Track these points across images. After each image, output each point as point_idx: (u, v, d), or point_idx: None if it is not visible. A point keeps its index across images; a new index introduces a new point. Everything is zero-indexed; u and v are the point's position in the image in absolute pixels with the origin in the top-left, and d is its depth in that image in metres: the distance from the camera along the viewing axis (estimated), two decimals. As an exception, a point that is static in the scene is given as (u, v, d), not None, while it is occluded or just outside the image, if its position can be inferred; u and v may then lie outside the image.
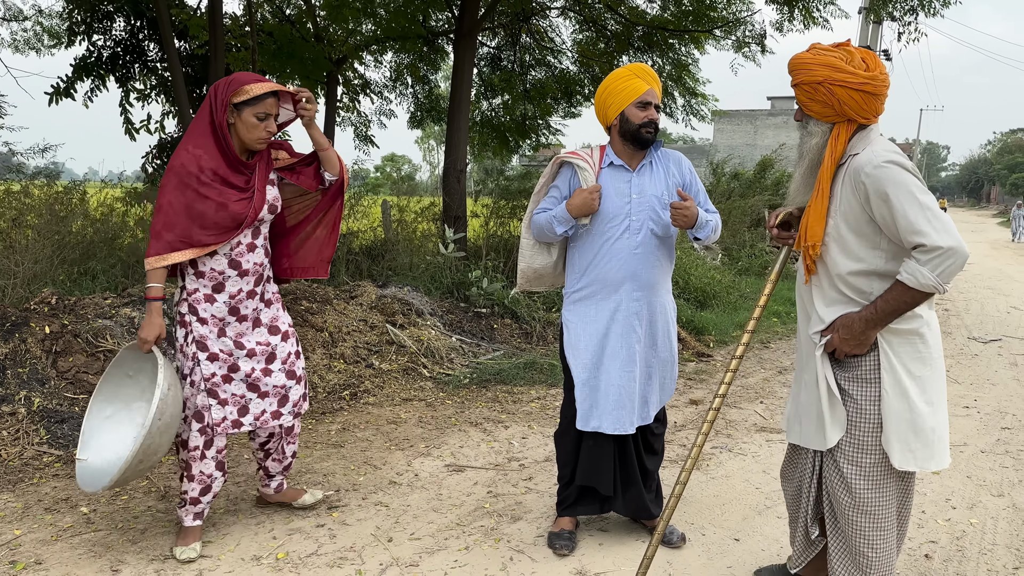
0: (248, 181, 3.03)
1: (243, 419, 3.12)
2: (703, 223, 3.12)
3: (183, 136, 3.03)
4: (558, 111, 12.75)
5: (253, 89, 2.90)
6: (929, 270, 2.29)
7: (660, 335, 3.24)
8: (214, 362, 3.05)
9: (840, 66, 2.46)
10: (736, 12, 10.42)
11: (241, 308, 3.11)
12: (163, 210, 2.91)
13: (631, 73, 3.12)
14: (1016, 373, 6.60)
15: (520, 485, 3.94)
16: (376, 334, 5.82)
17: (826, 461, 2.62)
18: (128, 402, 3.20)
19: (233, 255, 3.05)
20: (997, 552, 3.32)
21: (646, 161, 3.19)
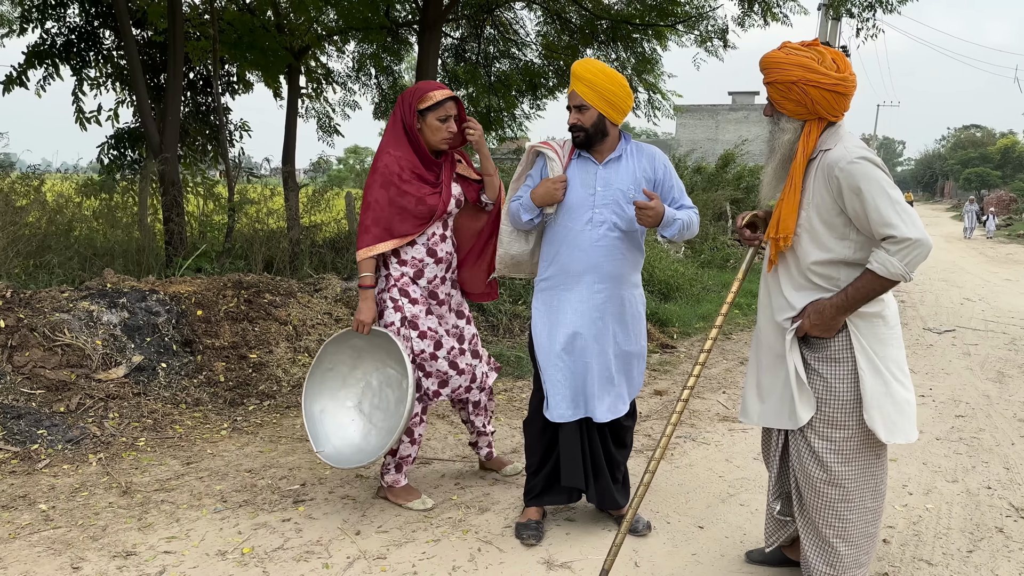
0: (437, 178, 3.40)
1: (442, 391, 3.48)
2: (670, 221, 3.09)
3: (381, 141, 3.44)
4: (523, 104, 12.75)
5: (435, 95, 3.29)
6: (898, 260, 2.42)
7: (626, 328, 3.24)
8: (423, 340, 3.40)
9: (813, 66, 2.55)
10: (699, 7, 10.50)
11: (439, 293, 3.49)
12: (371, 207, 3.30)
13: (573, 73, 3.14)
14: (969, 363, 6.78)
15: (487, 477, 3.95)
16: (341, 327, 5.77)
17: (795, 439, 2.71)
18: (334, 393, 3.60)
19: (430, 244, 3.42)
20: (952, 536, 3.41)
21: (615, 155, 3.18)
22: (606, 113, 3.09)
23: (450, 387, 3.49)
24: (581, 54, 11.82)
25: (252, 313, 5.43)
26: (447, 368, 3.46)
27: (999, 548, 3.29)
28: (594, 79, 3.06)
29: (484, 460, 3.97)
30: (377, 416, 3.58)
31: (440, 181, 3.42)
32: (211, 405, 4.66)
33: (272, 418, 4.63)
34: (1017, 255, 20.12)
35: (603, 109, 3.08)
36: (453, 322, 3.57)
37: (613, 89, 3.06)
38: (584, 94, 3.07)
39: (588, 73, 3.07)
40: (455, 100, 3.34)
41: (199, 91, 11.25)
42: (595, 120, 3.11)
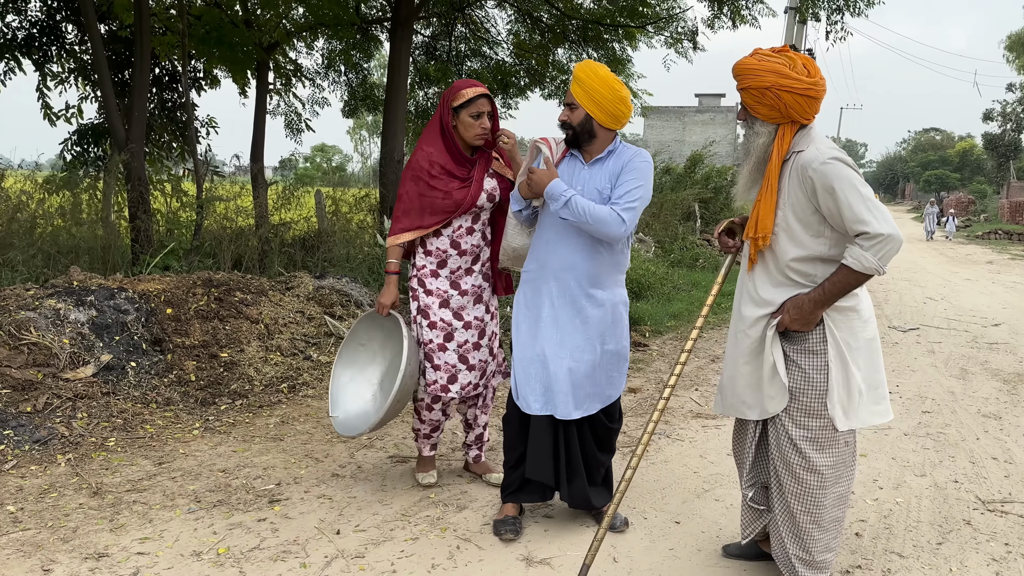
0: (468, 173, 3.51)
1: (451, 386, 3.56)
2: (556, 195, 3.02)
3: (420, 138, 3.59)
4: (495, 102, 12.76)
5: (467, 93, 3.39)
6: (872, 255, 2.51)
7: (603, 327, 3.24)
8: (432, 330, 3.53)
9: (786, 72, 2.62)
10: (669, 8, 10.60)
11: (462, 283, 3.57)
12: (402, 199, 3.50)
13: (573, 72, 3.20)
14: (934, 360, 6.92)
15: (465, 475, 3.94)
16: (314, 326, 5.73)
17: (774, 428, 2.79)
18: (363, 367, 3.82)
19: (454, 236, 3.53)
20: (922, 528, 3.48)
21: (603, 155, 3.20)
22: (593, 114, 3.11)
23: (459, 383, 3.57)
24: (552, 53, 11.87)
25: (223, 312, 5.36)
26: (455, 361, 3.55)
27: (967, 540, 3.36)
28: (587, 80, 3.10)
29: (472, 462, 3.95)
30: None
31: (470, 176, 3.52)
32: (182, 405, 4.60)
33: (245, 417, 4.58)
34: (976, 256, 20.58)
35: (590, 110, 3.11)
36: (478, 315, 3.62)
37: (603, 92, 3.07)
38: (576, 93, 3.12)
39: (583, 74, 3.12)
40: (487, 97, 3.44)
41: (164, 87, 11.09)
42: (582, 119, 3.14)
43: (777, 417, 2.76)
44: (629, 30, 10.87)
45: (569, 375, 3.20)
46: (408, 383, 3.43)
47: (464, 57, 12.55)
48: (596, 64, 3.17)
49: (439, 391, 3.54)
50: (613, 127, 3.17)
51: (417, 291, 3.57)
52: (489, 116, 3.45)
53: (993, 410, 5.26)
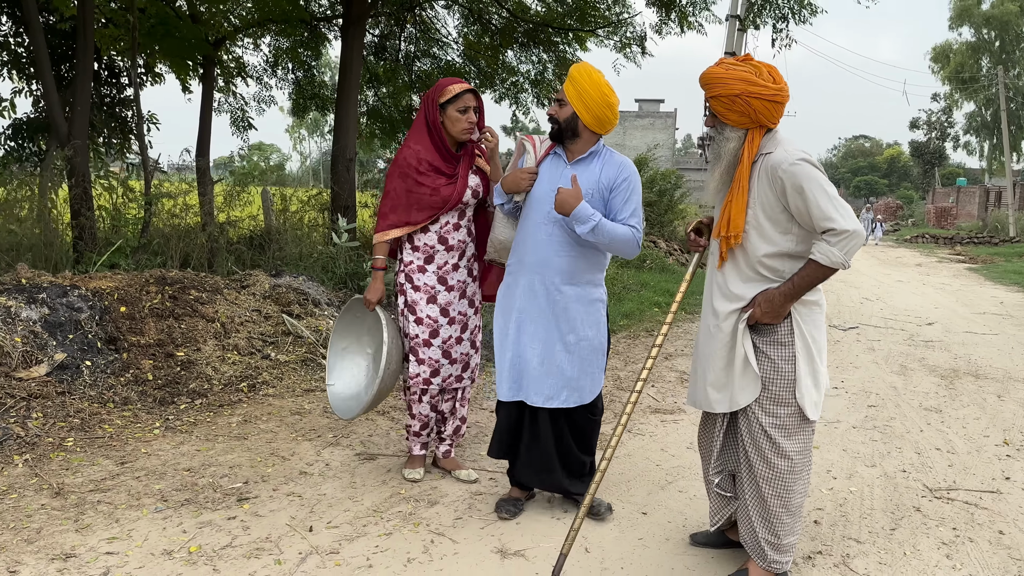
0: (454, 169, 3.58)
1: (433, 380, 3.66)
2: (585, 218, 3.10)
3: (407, 136, 3.67)
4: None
5: (454, 89, 3.47)
6: (838, 250, 2.65)
7: (578, 323, 3.31)
8: (419, 325, 3.61)
9: (753, 79, 2.75)
10: (618, 14, 10.77)
11: (448, 279, 3.65)
12: (389, 195, 3.58)
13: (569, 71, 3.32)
14: (875, 357, 7.19)
15: (434, 471, 3.96)
16: (271, 324, 5.66)
17: (745, 417, 2.90)
18: (359, 336, 3.90)
19: (441, 232, 3.60)
20: (875, 516, 3.63)
21: (585, 156, 3.27)
22: (580, 114, 3.19)
23: (441, 376, 3.67)
24: (502, 55, 11.93)
25: (178, 310, 5.27)
26: (439, 356, 3.64)
27: (918, 526, 3.52)
28: (580, 80, 3.18)
29: (441, 457, 3.94)
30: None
31: (456, 172, 3.59)
32: (140, 404, 4.50)
33: (206, 417, 4.51)
34: (905, 258, 21.39)
35: (578, 109, 3.19)
36: (462, 309, 3.70)
37: (593, 94, 3.15)
38: (567, 91, 3.22)
39: (577, 74, 3.21)
40: (473, 92, 3.52)
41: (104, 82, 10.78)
42: (568, 116, 3.23)
43: (748, 407, 2.87)
44: (579, 34, 11.00)
45: (539, 365, 3.30)
46: (394, 354, 3.54)
47: (414, 57, 12.52)
48: (592, 67, 3.26)
49: (421, 384, 3.64)
50: (597, 130, 3.24)
51: (405, 287, 3.62)
52: (475, 111, 3.52)
53: (933, 404, 5.52)
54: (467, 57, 12.20)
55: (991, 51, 42.70)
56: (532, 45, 11.33)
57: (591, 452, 3.51)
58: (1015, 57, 41.68)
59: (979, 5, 42.43)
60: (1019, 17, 40.87)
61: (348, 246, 7.38)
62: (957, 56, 43.39)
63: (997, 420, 5.13)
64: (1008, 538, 3.41)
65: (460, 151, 3.63)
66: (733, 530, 3.26)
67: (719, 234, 2.88)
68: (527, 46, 11.87)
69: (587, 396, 3.36)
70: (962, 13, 42.74)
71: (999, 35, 42.12)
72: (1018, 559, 3.22)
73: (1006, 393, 5.84)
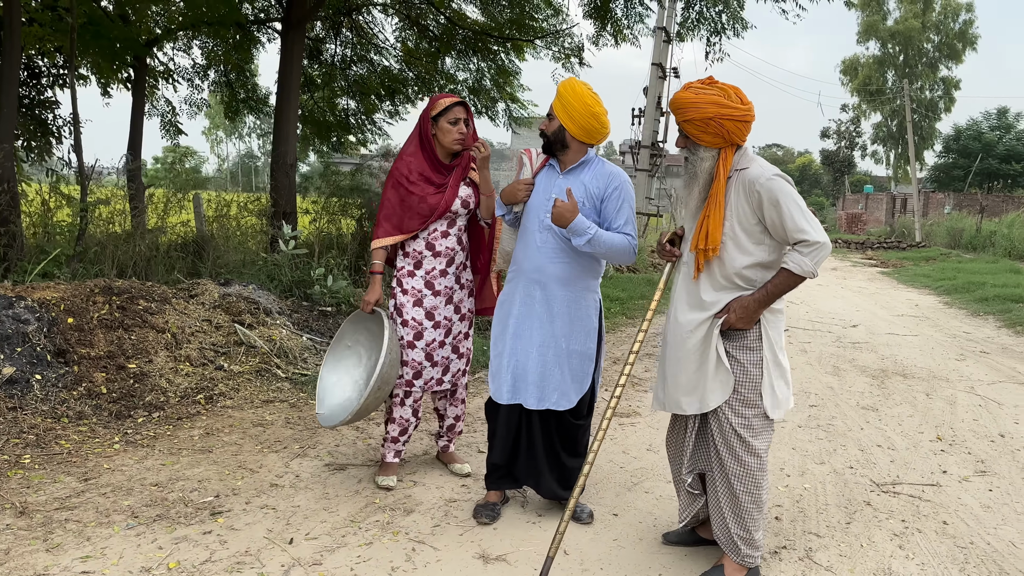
0: (445, 179, 3.73)
1: (415, 382, 3.80)
2: (581, 230, 3.22)
3: (403, 146, 3.84)
4: (382, 109, 12.69)
5: (444, 102, 3.65)
6: (809, 260, 2.85)
7: (571, 328, 3.41)
8: (404, 328, 3.76)
9: (723, 102, 2.90)
10: (556, 24, 10.95)
11: (436, 284, 3.78)
12: (384, 204, 3.76)
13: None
14: (808, 358, 7.53)
15: (406, 480, 3.98)
16: (223, 334, 5.57)
17: (716, 419, 3.04)
18: (349, 369, 3.99)
19: (429, 239, 3.75)
20: (830, 511, 3.84)
21: (577, 166, 3.39)
22: (567, 127, 3.31)
23: (423, 379, 3.82)
24: (440, 62, 11.96)
25: (127, 320, 5.13)
26: (422, 359, 3.78)
27: (871, 519, 3.74)
28: (565, 95, 3.31)
29: (441, 451, 4.18)
30: None
31: (446, 182, 3.74)
32: (96, 418, 4.37)
33: (165, 430, 4.41)
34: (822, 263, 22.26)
35: (564, 123, 3.31)
36: (447, 315, 3.83)
37: (577, 107, 3.28)
38: (555, 106, 3.35)
39: (563, 90, 3.33)
40: (463, 105, 3.69)
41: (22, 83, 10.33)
42: (556, 129, 3.35)
43: (719, 409, 3.02)
44: (517, 43, 11.12)
45: (536, 368, 3.40)
46: (390, 372, 3.62)
47: (350, 62, 12.43)
48: (578, 82, 3.37)
49: (404, 385, 3.79)
50: (585, 140, 3.36)
51: (395, 290, 3.81)
52: (465, 123, 3.68)
53: (869, 403, 5.82)
54: (405, 63, 12.18)
55: (896, 65, 44.96)
56: (472, 53, 11.40)
57: (579, 456, 3.60)
58: (917, 71, 43.97)
59: (884, 21, 44.61)
60: (921, 33, 43.16)
61: (294, 253, 7.29)
62: (865, 69, 45.52)
63: (929, 417, 5.46)
64: (952, 528, 3.65)
65: (453, 162, 3.76)
66: (703, 527, 3.41)
67: (697, 247, 3.01)
68: (465, 53, 11.93)
69: (574, 399, 3.46)
70: (868, 28, 44.87)
71: (903, 50, 44.38)
72: (963, 547, 3.45)
73: (933, 392, 6.21)
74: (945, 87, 44.99)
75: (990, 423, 5.33)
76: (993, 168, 38.44)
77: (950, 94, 45.01)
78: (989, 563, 3.30)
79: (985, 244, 22.30)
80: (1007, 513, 3.83)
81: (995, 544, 3.48)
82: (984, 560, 3.33)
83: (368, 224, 9.17)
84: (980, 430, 5.17)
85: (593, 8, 10.18)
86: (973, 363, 7.38)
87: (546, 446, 3.52)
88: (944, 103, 45.19)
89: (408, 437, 3.94)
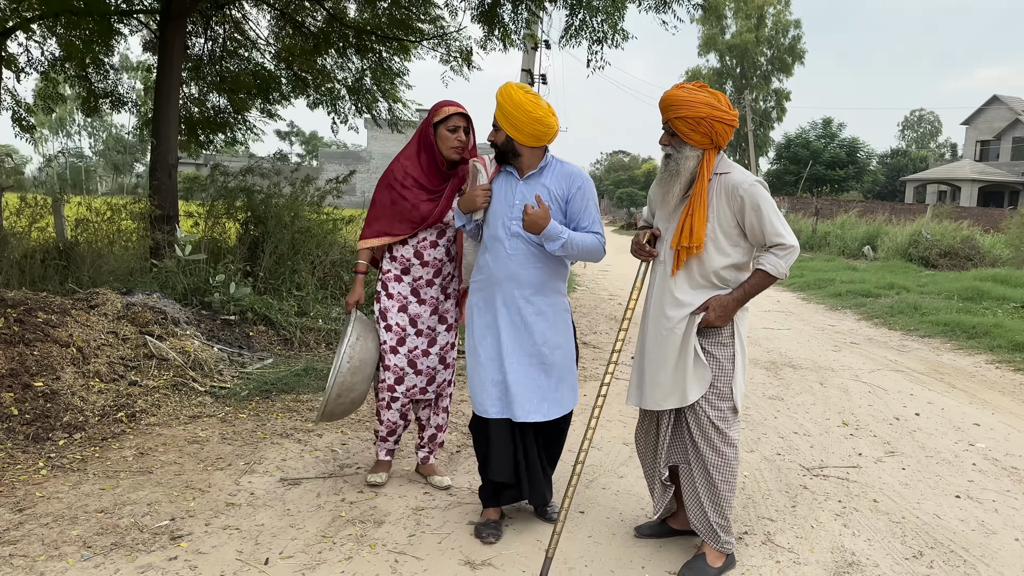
0: (439, 187, 3.69)
1: (397, 387, 3.77)
2: (554, 236, 3.24)
3: (401, 150, 3.79)
4: (255, 107, 12.18)
5: (446, 110, 3.63)
6: (784, 262, 3.06)
7: (550, 333, 3.40)
8: (388, 332, 3.74)
9: (715, 104, 3.04)
10: (442, 27, 10.92)
11: (421, 292, 3.77)
12: (374, 205, 3.74)
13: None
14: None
15: (366, 491, 3.88)
16: (131, 347, 5.18)
17: (693, 413, 3.19)
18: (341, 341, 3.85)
19: (418, 247, 3.72)
20: (775, 496, 4.08)
21: (536, 172, 3.38)
22: (513, 135, 3.29)
23: (405, 385, 3.79)
24: (318, 60, 11.65)
25: (27, 335, 4.68)
26: (404, 365, 3.77)
27: (811, 501, 4.02)
28: (504, 105, 3.26)
29: (420, 463, 4.08)
30: None
31: (441, 191, 3.69)
32: (11, 443, 3.96)
33: (92, 452, 4.06)
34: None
35: (510, 132, 3.28)
36: (431, 324, 3.82)
37: (518, 116, 3.23)
38: (497, 116, 3.31)
39: (501, 99, 3.29)
40: (463, 115, 3.66)
41: None
42: (504, 140, 3.33)
43: (696, 403, 3.16)
44: (403, 43, 11.00)
45: (521, 380, 3.35)
46: (352, 379, 3.63)
47: (220, 58, 11.85)
48: (515, 89, 3.30)
49: (386, 390, 3.77)
50: (535, 145, 3.33)
51: (380, 294, 3.77)
52: (465, 131, 3.66)
53: (774, 393, 6.23)
54: (281, 60, 11.74)
55: (733, 76, 47.99)
56: (355, 51, 11.16)
57: (555, 462, 3.63)
58: (753, 82, 47.16)
59: (723, 35, 47.52)
60: (755, 47, 46.31)
61: (190, 259, 6.89)
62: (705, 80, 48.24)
63: (829, 404, 5.91)
64: (883, 505, 3.99)
65: (453, 171, 3.72)
66: (673, 518, 3.55)
67: (678, 245, 3.12)
68: (344, 52, 11.67)
69: (567, 405, 3.46)
70: (708, 41, 47.66)
71: (739, 62, 47.46)
72: (897, 522, 3.78)
73: (825, 380, 6.73)
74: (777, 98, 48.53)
75: (883, 408, 5.84)
76: (821, 173, 41.87)
77: (782, 104, 48.59)
78: (923, 535, 3.63)
79: (821, 244, 24.21)
80: (923, 489, 4.22)
81: (923, 517, 3.84)
82: (918, 532, 3.66)
83: (254, 228, 8.80)
84: (877, 414, 5.66)
85: (481, 13, 10.24)
86: (848, 353, 8.04)
87: (539, 454, 3.52)
88: (776, 113, 48.74)
89: (398, 438, 3.95)
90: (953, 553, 3.45)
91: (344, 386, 3.66)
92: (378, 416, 3.87)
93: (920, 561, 3.37)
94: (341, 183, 9.19)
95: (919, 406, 5.90)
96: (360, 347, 3.67)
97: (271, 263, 7.78)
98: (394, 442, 3.94)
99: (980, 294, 11.82)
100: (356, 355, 3.65)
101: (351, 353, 3.64)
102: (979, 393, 6.35)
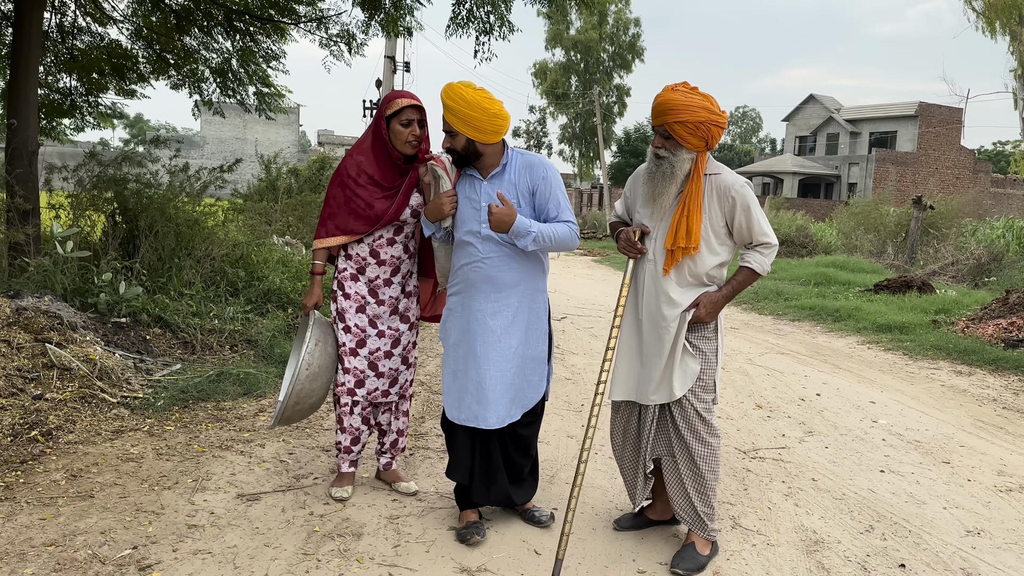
0: (395, 183, 3.53)
1: (358, 391, 3.64)
2: (523, 231, 3.19)
3: (353, 145, 3.64)
4: (111, 89, 11.23)
5: (398, 103, 3.47)
6: (768, 260, 3.23)
7: (527, 334, 3.37)
8: (347, 334, 3.61)
9: (711, 108, 3.13)
10: (321, 9, 10.51)
11: (379, 292, 3.64)
12: (328, 203, 3.59)
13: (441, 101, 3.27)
14: (600, 344, 8.12)
15: (332, 503, 3.70)
16: (26, 356, 4.65)
17: (680, 407, 3.28)
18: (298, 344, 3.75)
19: (374, 245, 3.59)
20: (725, 480, 4.24)
21: (498, 170, 3.31)
22: (474, 136, 3.21)
23: (366, 388, 3.66)
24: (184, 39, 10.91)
25: (-93, 348, 4.09)
26: (365, 367, 3.65)
27: (759, 483, 4.23)
28: (457, 108, 3.16)
29: (382, 469, 3.93)
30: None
31: (396, 187, 3.56)
32: (-86, 475, 3.45)
33: (15, 477, 3.61)
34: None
35: (470, 133, 3.20)
36: (393, 324, 3.70)
37: (474, 115, 3.16)
38: (451, 121, 3.20)
39: (450, 101, 3.18)
40: (416, 107, 3.50)
41: None
42: (464, 144, 3.24)
43: (684, 397, 3.26)
44: (278, 25, 10.49)
45: (495, 385, 3.30)
46: (310, 385, 3.50)
47: (68, 34, 10.82)
48: (463, 88, 3.21)
49: (345, 393, 3.63)
50: (495, 140, 3.26)
51: (337, 294, 3.64)
52: (420, 124, 3.50)
53: (686, 380, 6.49)
54: (139, 37, 10.87)
55: (578, 71, 49.27)
56: (226, 32, 10.51)
57: (530, 455, 3.59)
58: (597, 78, 48.64)
59: (568, 31, 48.67)
60: (599, 43, 47.78)
61: (71, 256, 6.26)
62: (552, 74, 49.27)
63: (740, 389, 6.24)
64: (821, 483, 4.26)
65: (409, 166, 3.56)
66: (651, 509, 3.64)
67: (675, 245, 3.18)
68: (210, 31, 10.98)
69: (529, 403, 3.44)
70: (554, 36, 48.62)
71: (583, 58, 48.80)
72: (839, 498, 4.05)
73: (725, 365, 7.09)
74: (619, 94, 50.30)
75: (786, 389, 6.25)
76: (660, 166, 43.78)
77: (623, 100, 50.42)
78: (866, 508, 3.92)
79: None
80: (850, 466, 4.55)
81: (860, 493, 4.14)
82: (860, 507, 3.95)
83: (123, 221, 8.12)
84: (783, 396, 6.04)
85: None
86: (732, 338, 8.51)
87: (503, 453, 3.48)
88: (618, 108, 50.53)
89: (362, 446, 3.77)
90: (898, 525, 3.74)
91: (302, 393, 3.50)
92: (340, 424, 3.67)
93: (873, 535, 3.63)
94: (225, 172, 8.65)
95: (816, 386, 6.36)
96: (319, 352, 3.52)
97: (153, 260, 7.21)
98: (358, 452, 3.76)
99: (827, 279, 12.88)
100: (315, 361, 3.50)
101: (309, 360, 3.48)
102: (863, 373, 6.92)
